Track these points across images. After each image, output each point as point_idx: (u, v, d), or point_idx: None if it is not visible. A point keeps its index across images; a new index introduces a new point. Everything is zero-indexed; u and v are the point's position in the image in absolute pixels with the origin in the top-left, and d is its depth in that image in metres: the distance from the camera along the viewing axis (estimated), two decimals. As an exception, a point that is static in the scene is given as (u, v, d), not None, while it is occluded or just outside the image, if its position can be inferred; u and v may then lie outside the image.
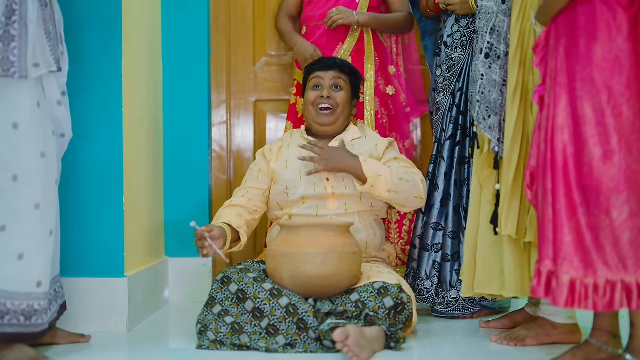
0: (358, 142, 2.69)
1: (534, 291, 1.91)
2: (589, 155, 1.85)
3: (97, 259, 2.53)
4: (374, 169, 2.52)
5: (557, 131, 1.90)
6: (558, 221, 1.87)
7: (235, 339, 2.24)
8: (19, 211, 2.01)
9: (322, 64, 2.73)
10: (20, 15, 1.99)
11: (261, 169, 2.71)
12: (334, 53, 3.00)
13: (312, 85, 2.71)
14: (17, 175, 2.01)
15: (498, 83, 2.33)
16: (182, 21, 3.19)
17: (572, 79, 1.89)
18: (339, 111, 2.67)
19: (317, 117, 2.67)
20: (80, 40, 2.51)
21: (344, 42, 3.01)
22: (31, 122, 2.03)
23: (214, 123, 3.35)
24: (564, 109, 1.89)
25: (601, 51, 1.86)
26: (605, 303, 1.83)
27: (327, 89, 2.68)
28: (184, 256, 3.18)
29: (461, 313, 2.74)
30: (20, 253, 2.01)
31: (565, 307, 1.84)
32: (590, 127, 1.85)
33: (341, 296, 2.32)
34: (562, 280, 1.85)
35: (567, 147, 1.88)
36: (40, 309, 2.06)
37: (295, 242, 2.30)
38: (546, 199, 1.91)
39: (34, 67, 2.03)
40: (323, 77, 2.69)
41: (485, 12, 2.36)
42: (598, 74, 1.85)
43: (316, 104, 2.67)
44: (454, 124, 2.80)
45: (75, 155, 2.50)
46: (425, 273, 2.78)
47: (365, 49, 3.02)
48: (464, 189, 2.78)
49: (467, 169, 2.77)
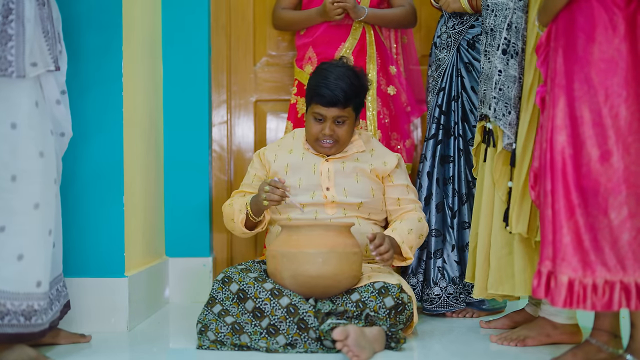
0: (362, 156, 2.66)
1: (534, 291, 1.92)
2: (587, 156, 1.86)
3: (97, 259, 2.53)
4: (407, 251, 2.51)
5: (556, 132, 1.90)
6: (557, 222, 1.87)
7: (236, 339, 2.24)
8: (18, 211, 2.01)
9: (325, 99, 2.53)
10: (17, 14, 1.98)
11: (256, 174, 2.70)
12: (336, 52, 2.98)
13: (313, 114, 2.60)
14: (16, 175, 2.01)
15: (517, 79, 2.32)
16: (182, 21, 3.19)
17: (570, 79, 1.89)
18: (340, 143, 2.62)
19: (319, 149, 2.63)
20: (80, 40, 2.51)
21: (345, 41, 3.00)
22: (30, 122, 2.03)
23: (214, 123, 3.35)
24: (562, 110, 1.90)
25: (598, 51, 1.86)
26: (604, 303, 1.83)
27: (329, 124, 2.57)
28: (185, 256, 3.18)
29: (445, 310, 2.78)
30: (20, 253, 2.01)
31: (563, 307, 1.84)
32: (587, 127, 1.86)
33: (342, 296, 2.32)
34: (560, 281, 1.85)
35: (565, 148, 1.88)
36: (40, 309, 2.06)
37: (296, 242, 2.30)
38: (546, 199, 1.91)
39: (32, 66, 2.03)
40: (325, 115, 2.57)
41: (502, 8, 2.35)
42: (595, 74, 1.86)
43: (318, 139, 2.60)
44: (436, 123, 2.84)
45: (76, 155, 2.50)
46: (412, 270, 2.82)
47: (367, 49, 3.01)
48: (448, 187, 2.82)
49: (452, 167, 2.82)
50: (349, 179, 2.61)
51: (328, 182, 2.60)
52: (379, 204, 2.64)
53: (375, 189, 2.63)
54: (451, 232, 2.81)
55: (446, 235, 2.81)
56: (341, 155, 2.64)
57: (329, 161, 2.63)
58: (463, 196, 2.81)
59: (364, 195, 2.60)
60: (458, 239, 2.80)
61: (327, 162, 2.63)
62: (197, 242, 3.21)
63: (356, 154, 2.67)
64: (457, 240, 2.80)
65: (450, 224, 2.82)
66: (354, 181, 2.61)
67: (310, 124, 2.61)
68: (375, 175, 2.64)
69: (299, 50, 3.10)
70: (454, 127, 2.83)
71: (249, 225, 2.60)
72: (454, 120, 2.83)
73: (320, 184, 2.59)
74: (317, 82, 2.58)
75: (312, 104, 2.59)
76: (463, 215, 2.81)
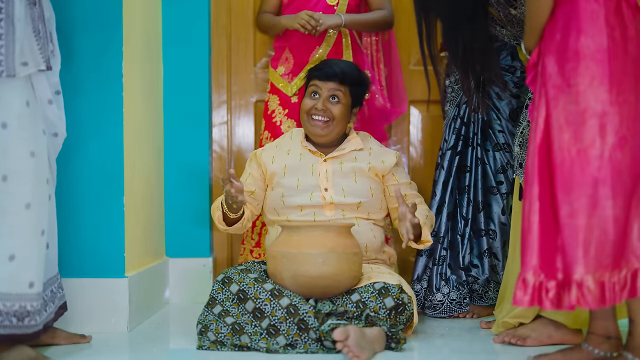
0: (360, 155, 2.67)
1: (517, 301, 1.91)
2: (600, 148, 1.86)
3: (97, 259, 2.53)
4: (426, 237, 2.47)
5: (561, 131, 1.91)
6: (542, 226, 1.90)
7: (236, 340, 2.24)
8: (9, 211, 2.00)
9: (322, 72, 2.63)
10: (7, 14, 1.98)
11: (251, 173, 2.69)
12: (310, 57, 2.99)
13: (310, 92, 2.65)
14: (7, 175, 2.00)
15: None
16: (182, 21, 3.19)
17: (567, 76, 1.91)
18: (334, 124, 2.62)
19: (310, 127, 2.63)
20: (80, 40, 2.51)
21: (320, 46, 3.00)
22: (20, 122, 2.02)
23: (215, 123, 3.35)
24: (563, 108, 1.91)
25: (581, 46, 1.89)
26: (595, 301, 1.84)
27: (323, 100, 2.61)
28: (185, 256, 3.18)
29: (448, 315, 2.79)
30: (11, 254, 2.00)
31: (552, 309, 1.87)
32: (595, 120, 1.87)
33: (342, 296, 2.32)
34: (547, 285, 1.88)
35: (549, 151, 1.91)
36: (33, 310, 2.05)
37: (296, 243, 2.30)
38: (532, 206, 1.93)
39: (22, 65, 2.02)
40: (321, 87, 2.62)
41: None
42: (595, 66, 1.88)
43: (310, 114, 2.63)
44: (456, 135, 2.84)
45: (76, 155, 2.50)
46: (417, 276, 2.83)
47: (343, 54, 3.02)
48: (463, 196, 2.83)
49: (468, 177, 2.82)
50: (347, 179, 2.61)
51: (326, 183, 2.59)
52: (378, 203, 2.64)
53: (374, 188, 2.63)
54: (463, 241, 2.81)
55: (455, 243, 2.82)
56: (339, 153, 2.64)
57: (327, 161, 2.63)
58: (479, 204, 2.81)
59: (362, 195, 2.60)
60: (471, 246, 2.82)
61: (325, 162, 2.63)
62: (197, 242, 3.21)
63: (354, 152, 2.67)
64: (471, 247, 2.81)
65: (462, 232, 2.82)
66: (352, 181, 2.61)
67: (304, 100, 2.65)
68: (375, 174, 2.64)
69: (276, 51, 3.12)
70: (473, 138, 2.83)
71: (228, 222, 2.60)
72: (473, 131, 2.83)
73: (318, 185, 2.59)
74: (318, 65, 2.70)
75: (310, 80, 2.66)
76: (479, 223, 2.82)
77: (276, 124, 3.01)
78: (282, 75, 3.04)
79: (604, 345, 2.02)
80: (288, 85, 3.03)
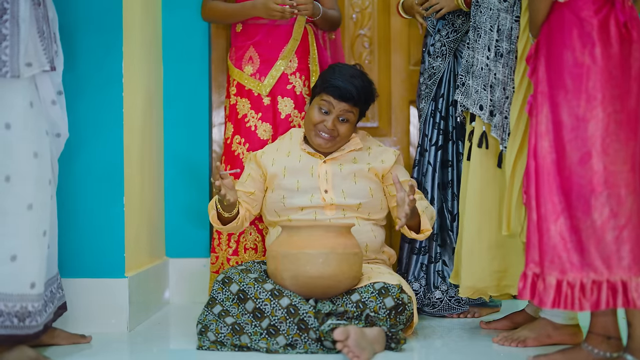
0: (360, 155, 2.67)
1: (520, 293, 1.97)
2: (569, 160, 1.93)
3: (97, 259, 2.53)
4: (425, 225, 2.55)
5: (540, 138, 1.98)
6: (543, 225, 1.94)
7: (236, 340, 2.24)
8: (12, 212, 2.00)
9: (339, 91, 2.56)
10: (12, 14, 1.98)
11: (250, 173, 2.69)
12: (280, 53, 2.87)
13: (319, 104, 2.60)
14: (10, 175, 2.00)
15: (501, 81, 2.36)
16: (182, 21, 3.19)
17: (551, 86, 1.98)
18: (338, 139, 2.62)
19: (314, 138, 2.62)
20: (81, 41, 2.51)
21: (288, 42, 2.89)
22: (24, 122, 2.02)
23: (215, 123, 3.34)
24: (545, 116, 1.98)
25: (572, 57, 1.94)
26: (592, 303, 1.88)
27: (333, 120, 2.58)
28: (185, 257, 3.18)
29: (447, 312, 2.80)
30: (13, 254, 2.00)
31: (552, 307, 1.90)
32: (567, 132, 1.94)
33: (342, 297, 2.32)
34: (548, 282, 1.91)
35: (549, 153, 1.96)
36: (34, 310, 2.05)
37: (297, 243, 2.30)
38: (530, 203, 1.99)
39: (27, 66, 2.02)
40: (334, 106, 2.58)
41: (487, 7, 2.39)
42: (571, 80, 1.93)
43: (317, 129, 2.60)
44: (437, 129, 2.86)
45: (76, 155, 2.50)
46: (414, 275, 2.84)
47: (310, 51, 2.94)
48: (448, 191, 2.85)
49: (451, 171, 2.85)
50: (347, 181, 2.61)
51: (326, 185, 2.60)
52: (378, 203, 2.64)
53: (374, 188, 2.63)
54: (451, 236, 2.83)
55: (446, 239, 2.84)
56: (338, 154, 2.64)
57: (327, 163, 2.63)
58: None
59: (362, 196, 2.60)
60: None
61: (324, 164, 2.63)
62: (197, 242, 3.21)
63: (353, 152, 2.67)
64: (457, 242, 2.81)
65: (450, 227, 2.83)
66: (352, 182, 2.61)
67: (313, 111, 2.62)
68: (374, 174, 2.64)
69: (237, 49, 2.94)
70: (452, 132, 2.86)
71: (223, 220, 2.59)
72: (452, 125, 2.85)
73: (318, 187, 2.59)
74: (333, 76, 2.61)
75: (323, 94, 2.60)
76: None
77: (250, 128, 2.87)
78: (251, 75, 2.89)
79: (604, 345, 2.03)
80: (260, 84, 2.87)
